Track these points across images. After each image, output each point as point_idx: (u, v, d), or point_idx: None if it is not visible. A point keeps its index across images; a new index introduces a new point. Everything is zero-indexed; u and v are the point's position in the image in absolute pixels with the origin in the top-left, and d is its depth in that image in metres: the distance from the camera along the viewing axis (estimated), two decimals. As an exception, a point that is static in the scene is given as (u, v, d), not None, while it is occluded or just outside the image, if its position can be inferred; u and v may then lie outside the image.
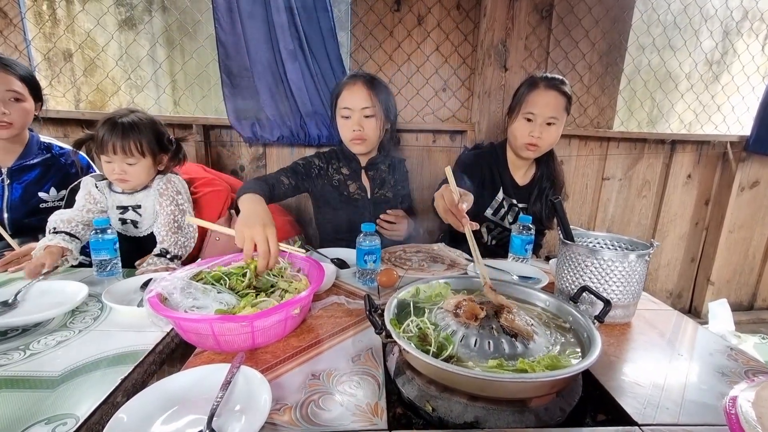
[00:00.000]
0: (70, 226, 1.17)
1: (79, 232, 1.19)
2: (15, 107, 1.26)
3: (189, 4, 1.82)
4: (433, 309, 0.76)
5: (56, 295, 0.95)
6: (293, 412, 0.60)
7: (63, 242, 1.12)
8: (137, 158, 1.17)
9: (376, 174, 1.54)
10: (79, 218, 1.20)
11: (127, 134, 1.15)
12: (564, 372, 0.56)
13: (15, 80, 1.25)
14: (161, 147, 1.23)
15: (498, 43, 1.80)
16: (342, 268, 1.19)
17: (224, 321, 0.71)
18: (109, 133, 1.14)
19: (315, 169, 1.47)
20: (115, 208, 1.26)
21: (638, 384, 0.70)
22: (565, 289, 0.94)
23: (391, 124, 1.50)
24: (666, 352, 0.81)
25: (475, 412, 0.58)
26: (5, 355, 0.72)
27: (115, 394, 0.64)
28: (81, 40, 1.83)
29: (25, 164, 1.36)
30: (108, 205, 1.26)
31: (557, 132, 1.42)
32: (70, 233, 1.16)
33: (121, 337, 0.80)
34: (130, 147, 1.15)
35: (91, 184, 1.25)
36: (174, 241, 1.21)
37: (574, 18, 1.97)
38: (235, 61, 1.71)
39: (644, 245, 0.94)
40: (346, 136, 1.44)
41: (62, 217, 1.18)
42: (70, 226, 1.17)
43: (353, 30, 1.87)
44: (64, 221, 1.17)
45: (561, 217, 0.96)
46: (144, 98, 1.93)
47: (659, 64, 2.18)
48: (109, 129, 1.14)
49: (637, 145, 2.21)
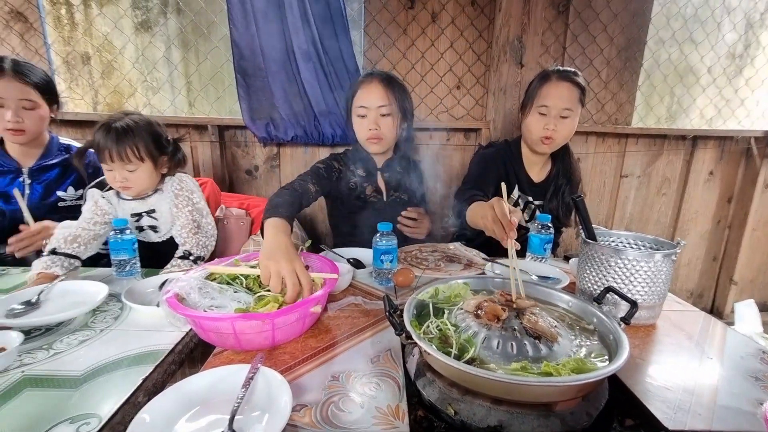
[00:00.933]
0: (71, 247, 1.12)
1: (81, 251, 1.14)
2: (28, 114, 1.28)
3: (203, 5, 1.84)
4: (453, 310, 0.75)
5: (77, 295, 0.96)
6: (313, 413, 0.59)
7: (56, 269, 1.06)
8: (136, 164, 1.15)
9: (391, 175, 1.52)
10: (85, 234, 1.16)
11: (122, 140, 1.11)
12: (592, 375, 0.54)
13: (28, 88, 1.27)
14: (160, 149, 1.20)
15: (514, 39, 1.77)
16: (358, 268, 1.18)
17: (245, 319, 0.70)
18: (104, 140, 1.10)
19: (335, 173, 1.44)
20: (129, 216, 1.23)
21: (667, 388, 0.68)
22: (588, 290, 0.92)
23: (407, 122, 1.48)
24: (695, 355, 0.78)
25: (499, 416, 0.57)
26: (30, 354, 0.73)
27: (136, 393, 0.64)
28: (98, 43, 1.86)
29: (44, 164, 1.39)
30: (119, 215, 1.23)
31: (572, 124, 1.40)
32: (70, 254, 1.11)
33: (141, 336, 0.80)
34: (126, 153, 1.12)
35: (97, 195, 1.22)
36: (195, 242, 1.20)
37: (591, 12, 1.92)
38: (250, 61, 1.71)
39: (670, 244, 0.91)
40: (362, 136, 1.42)
41: (67, 234, 1.13)
42: (72, 247, 1.12)
43: (366, 28, 1.86)
44: (68, 240, 1.12)
45: (583, 215, 0.93)
46: (160, 100, 1.95)
47: (680, 58, 2.12)
48: (103, 135, 1.11)
49: (656, 142, 2.15)
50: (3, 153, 1.36)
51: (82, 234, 1.15)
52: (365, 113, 1.37)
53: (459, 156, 2.05)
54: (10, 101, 1.24)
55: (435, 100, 1.98)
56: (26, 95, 1.26)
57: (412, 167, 1.59)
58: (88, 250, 1.18)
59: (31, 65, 1.32)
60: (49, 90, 1.34)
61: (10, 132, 1.28)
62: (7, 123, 1.25)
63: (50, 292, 0.95)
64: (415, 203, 1.55)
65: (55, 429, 0.55)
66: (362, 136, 1.42)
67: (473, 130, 2.01)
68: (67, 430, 0.55)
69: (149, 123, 1.19)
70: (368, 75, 1.41)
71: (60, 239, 1.12)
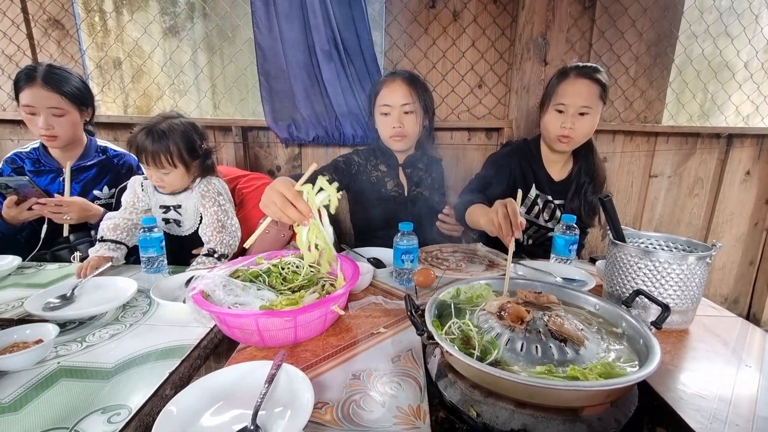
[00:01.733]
0: (115, 234, 1.23)
1: (125, 238, 1.24)
2: (58, 121, 1.34)
3: (228, 9, 1.88)
4: (475, 311, 0.74)
5: (109, 290, 1.00)
6: (335, 411, 0.59)
7: (108, 252, 1.19)
8: (168, 168, 1.21)
9: (413, 172, 1.53)
10: (124, 224, 1.25)
11: (158, 147, 1.17)
12: (622, 381, 0.52)
13: (56, 96, 1.32)
14: (192, 156, 1.25)
15: (537, 37, 1.73)
16: (378, 268, 1.18)
17: (269, 316, 0.72)
18: (142, 143, 1.17)
19: (355, 166, 1.47)
20: (158, 207, 1.32)
21: (701, 396, 0.65)
22: (615, 293, 0.89)
23: (429, 120, 1.50)
24: (731, 363, 0.75)
25: (523, 420, 0.56)
26: (65, 346, 0.77)
27: (163, 386, 0.66)
28: (129, 48, 1.93)
29: (83, 165, 1.46)
30: (152, 204, 1.32)
31: (592, 122, 1.36)
32: (116, 240, 1.22)
33: (168, 331, 0.83)
34: (160, 159, 1.18)
35: (137, 183, 1.31)
36: (219, 240, 1.24)
37: (619, 7, 1.86)
38: (272, 63, 1.74)
39: (704, 246, 0.87)
40: (385, 133, 1.44)
41: (109, 224, 1.24)
42: (116, 234, 1.23)
43: (387, 29, 1.86)
44: (111, 229, 1.23)
45: (611, 216, 0.90)
46: (186, 102, 2.01)
47: (714, 52, 2.03)
48: (143, 139, 1.17)
49: (688, 140, 2.07)
50: (45, 154, 1.44)
51: (120, 223, 1.25)
52: (389, 111, 1.40)
53: (480, 155, 2.02)
54: (40, 109, 1.31)
55: (456, 99, 1.96)
56: (55, 103, 1.32)
57: (434, 164, 1.59)
58: (131, 239, 1.26)
59: (65, 72, 1.36)
60: (78, 96, 1.38)
61: (44, 138, 1.36)
62: (40, 130, 1.32)
63: (83, 287, 0.99)
64: (435, 200, 1.55)
65: (88, 418, 0.58)
66: (386, 134, 1.44)
67: (495, 130, 1.98)
68: (99, 419, 0.57)
69: (186, 130, 1.23)
70: (391, 74, 1.44)
71: (104, 229, 1.23)
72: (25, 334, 0.75)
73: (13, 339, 0.74)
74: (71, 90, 1.36)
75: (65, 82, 1.34)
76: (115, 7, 1.90)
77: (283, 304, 0.77)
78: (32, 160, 1.44)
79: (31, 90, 1.29)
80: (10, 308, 0.93)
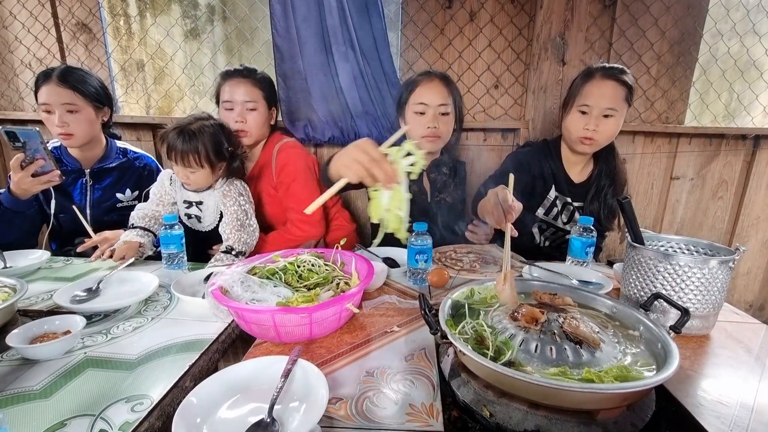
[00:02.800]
0: (144, 221, 1.33)
1: (153, 226, 1.33)
2: (71, 118, 1.36)
3: (248, 12, 1.91)
4: (489, 311, 0.74)
5: (132, 284, 1.03)
6: (349, 407, 0.60)
7: (137, 237, 1.27)
8: (195, 168, 1.24)
9: (437, 176, 1.51)
10: (152, 214, 1.34)
11: (187, 147, 1.21)
12: (639, 384, 0.51)
13: (71, 93, 1.34)
14: (219, 157, 1.28)
15: (555, 36, 1.71)
16: (392, 268, 1.19)
17: (285, 312, 0.73)
18: (173, 143, 1.21)
19: None
20: (182, 201, 1.37)
21: (721, 403, 0.64)
22: (633, 296, 0.88)
23: (459, 125, 1.48)
24: (754, 370, 0.73)
25: (537, 421, 0.56)
26: (90, 338, 0.80)
27: (184, 378, 0.68)
28: (152, 51, 1.99)
29: (104, 167, 1.49)
30: (177, 198, 1.38)
31: (616, 125, 1.33)
32: (145, 228, 1.30)
33: (188, 325, 0.85)
34: (189, 159, 1.22)
35: (166, 176, 1.37)
36: (237, 238, 1.28)
37: (641, 5, 1.83)
38: (290, 64, 1.76)
39: (727, 250, 0.85)
40: (417, 133, 1.39)
41: (139, 213, 1.34)
42: (145, 221, 1.33)
43: (404, 29, 1.87)
44: (141, 217, 1.33)
45: (629, 218, 0.89)
46: (206, 103, 2.06)
47: (740, 51, 1.97)
48: (174, 138, 1.22)
49: (712, 142, 2.01)
50: (67, 153, 1.47)
51: (149, 213, 1.34)
52: (424, 110, 1.37)
53: (496, 156, 2.00)
54: (55, 106, 1.33)
55: (472, 100, 1.95)
56: (69, 99, 1.34)
57: (458, 168, 1.58)
58: (159, 228, 1.31)
59: (82, 72, 1.39)
60: (94, 95, 1.41)
61: (60, 136, 1.38)
62: (56, 128, 1.35)
63: (108, 281, 1.02)
64: (458, 205, 1.54)
65: (113, 406, 0.60)
66: (418, 133, 1.40)
67: (511, 130, 1.97)
68: (123, 408, 0.60)
69: (215, 132, 1.26)
70: (427, 73, 1.41)
71: (134, 217, 1.33)
72: (54, 325, 0.78)
73: (44, 329, 0.77)
74: (86, 87, 1.38)
75: (80, 80, 1.37)
76: (139, 11, 1.96)
77: (298, 301, 0.79)
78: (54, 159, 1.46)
79: (47, 87, 1.33)
80: (40, 300, 0.97)
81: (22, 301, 0.93)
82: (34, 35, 1.93)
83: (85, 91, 1.38)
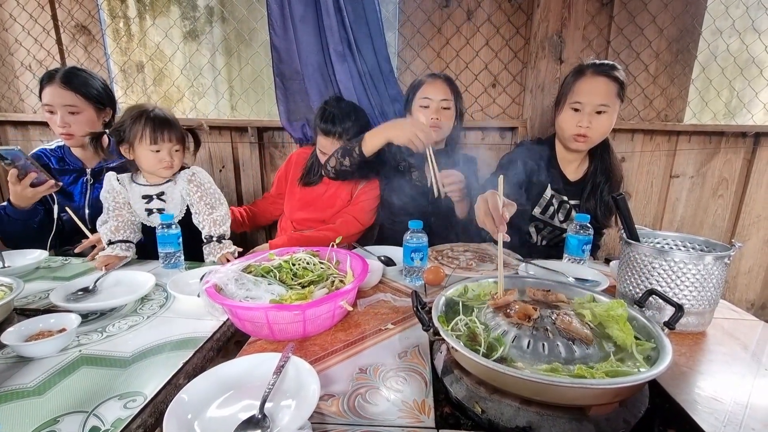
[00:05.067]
0: (119, 234, 1.24)
1: (129, 236, 1.26)
2: (73, 119, 1.39)
3: (246, 13, 1.92)
4: (482, 308, 0.74)
5: (128, 283, 1.04)
6: (341, 403, 0.60)
7: (121, 252, 1.21)
8: (177, 144, 1.26)
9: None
10: (121, 224, 1.25)
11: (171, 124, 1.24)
12: (629, 380, 0.51)
13: (72, 94, 1.37)
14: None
15: (553, 35, 1.71)
16: (388, 266, 1.19)
17: (278, 310, 0.73)
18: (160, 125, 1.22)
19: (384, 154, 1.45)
20: (140, 198, 1.30)
21: (716, 399, 0.63)
22: (629, 293, 0.87)
23: (459, 121, 1.57)
24: (750, 367, 0.72)
25: (528, 417, 0.56)
26: (86, 336, 0.80)
27: (177, 376, 0.68)
28: (151, 52, 2.00)
29: (105, 166, 1.50)
30: (130, 197, 1.30)
31: (609, 121, 1.34)
32: (124, 240, 1.24)
33: (183, 324, 0.85)
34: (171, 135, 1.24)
35: (113, 178, 1.30)
36: (211, 221, 1.26)
37: (639, 3, 1.82)
38: (287, 64, 1.77)
39: (723, 246, 0.85)
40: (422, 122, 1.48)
41: (110, 227, 1.24)
42: (120, 234, 1.24)
43: (401, 29, 1.87)
44: (113, 231, 1.23)
45: (624, 214, 0.89)
46: (204, 104, 2.07)
47: (740, 48, 1.96)
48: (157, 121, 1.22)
49: (712, 139, 2.00)
50: (70, 153, 1.49)
51: (120, 225, 1.25)
52: (428, 104, 1.48)
53: (494, 155, 2.00)
54: (57, 107, 1.37)
55: (470, 98, 1.95)
56: (70, 101, 1.37)
57: (467, 163, 1.60)
58: (133, 236, 1.28)
59: (85, 74, 1.41)
60: (96, 96, 1.42)
61: (62, 136, 1.41)
62: (58, 128, 1.38)
63: (105, 281, 1.03)
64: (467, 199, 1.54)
65: (106, 403, 0.60)
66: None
67: (509, 129, 1.97)
68: (116, 405, 0.60)
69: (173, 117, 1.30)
70: (432, 75, 1.54)
71: (107, 233, 1.23)
72: (49, 323, 0.79)
73: (39, 327, 0.78)
74: (87, 89, 1.40)
75: (82, 82, 1.39)
76: (138, 13, 1.97)
77: (292, 298, 0.79)
78: (57, 158, 1.49)
79: (49, 89, 1.35)
80: (37, 299, 0.97)
81: (19, 300, 0.94)
82: (34, 37, 1.94)
83: (87, 93, 1.40)
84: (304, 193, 1.63)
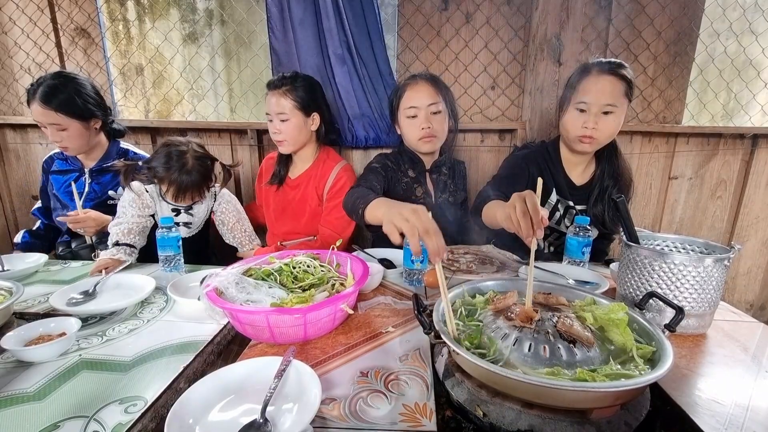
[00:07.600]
0: (129, 238, 1.27)
1: (137, 241, 1.29)
2: (62, 135, 1.40)
3: (245, 16, 1.92)
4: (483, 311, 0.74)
5: (128, 287, 1.03)
6: (342, 407, 0.60)
7: (124, 256, 1.22)
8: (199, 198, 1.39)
9: (439, 177, 1.51)
10: (136, 228, 1.30)
11: (186, 190, 1.32)
12: (631, 383, 0.51)
13: (53, 113, 1.35)
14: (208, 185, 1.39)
15: (552, 37, 1.72)
16: (389, 269, 1.19)
17: (279, 313, 0.73)
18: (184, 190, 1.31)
19: (390, 172, 1.45)
20: (169, 211, 1.38)
21: (717, 401, 0.63)
22: (629, 296, 0.87)
23: (454, 123, 1.47)
24: (750, 369, 0.73)
25: (530, 420, 0.56)
26: (86, 340, 0.80)
27: (178, 380, 0.68)
28: (151, 55, 2.00)
29: (103, 166, 1.54)
30: (156, 210, 1.37)
31: (616, 121, 1.26)
32: (130, 244, 1.26)
33: (184, 327, 0.85)
34: (192, 195, 1.35)
35: (140, 189, 1.33)
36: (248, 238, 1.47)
37: (637, 5, 1.83)
38: (287, 67, 1.77)
39: (722, 248, 0.85)
40: (414, 136, 1.40)
41: (123, 228, 1.27)
42: (129, 238, 1.27)
43: (400, 32, 1.88)
44: (125, 233, 1.27)
45: (624, 216, 0.89)
46: (204, 106, 2.06)
47: (737, 51, 1.97)
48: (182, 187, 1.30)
49: (710, 141, 2.01)
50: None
51: (134, 228, 1.29)
52: (416, 113, 1.37)
53: (493, 157, 2.01)
54: (44, 125, 1.39)
55: (469, 101, 1.95)
56: (53, 120, 1.37)
57: (457, 168, 1.58)
58: (140, 241, 1.31)
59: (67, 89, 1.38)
60: (80, 110, 1.40)
61: (59, 148, 1.47)
62: (53, 142, 1.43)
63: (104, 284, 1.03)
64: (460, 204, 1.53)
65: (107, 408, 0.60)
66: (414, 137, 1.40)
67: (508, 131, 1.97)
68: (117, 409, 0.60)
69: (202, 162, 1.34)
70: (413, 77, 1.41)
71: (118, 233, 1.26)
72: (49, 327, 0.79)
73: (39, 332, 0.77)
74: (69, 106, 1.38)
75: (63, 100, 1.37)
76: (137, 16, 1.97)
77: (293, 301, 0.79)
78: (61, 160, 1.54)
79: (33, 106, 1.36)
80: (37, 303, 0.97)
81: (18, 304, 0.94)
82: (34, 40, 1.94)
83: (69, 110, 1.38)
84: (277, 200, 1.65)
